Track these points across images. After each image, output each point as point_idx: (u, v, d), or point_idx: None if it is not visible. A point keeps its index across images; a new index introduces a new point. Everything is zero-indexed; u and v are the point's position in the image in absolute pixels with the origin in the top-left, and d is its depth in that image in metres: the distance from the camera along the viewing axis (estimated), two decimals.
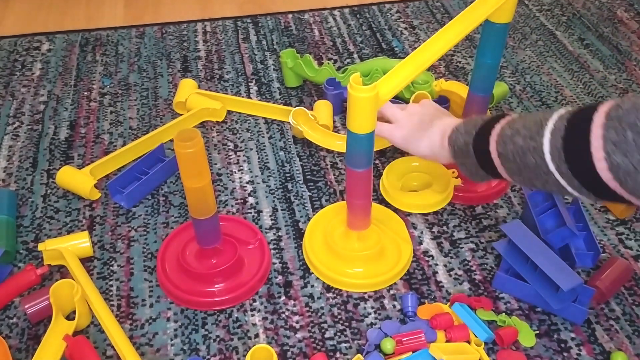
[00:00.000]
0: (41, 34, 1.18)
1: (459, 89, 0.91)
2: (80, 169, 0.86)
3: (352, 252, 0.75)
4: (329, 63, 0.99)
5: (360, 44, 1.17)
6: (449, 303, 0.72)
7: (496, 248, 0.74)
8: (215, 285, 0.72)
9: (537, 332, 0.69)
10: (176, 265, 0.74)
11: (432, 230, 0.81)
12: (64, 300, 0.68)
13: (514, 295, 0.72)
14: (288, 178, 0.88)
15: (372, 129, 0.63)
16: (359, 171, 0.67)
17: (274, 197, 0.85)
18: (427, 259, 0.77)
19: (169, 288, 0.72)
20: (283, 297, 0.73)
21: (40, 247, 0.74)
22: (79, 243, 0.75)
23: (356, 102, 0.60)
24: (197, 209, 0.67)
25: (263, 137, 0.95)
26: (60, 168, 0.85)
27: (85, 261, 0.76)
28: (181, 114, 0.98)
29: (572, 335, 0.69)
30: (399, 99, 0.96)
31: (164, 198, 0.85)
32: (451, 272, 0.76)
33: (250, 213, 0.83)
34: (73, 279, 0.70)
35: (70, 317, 0.69)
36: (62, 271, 0.75)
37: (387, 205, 0.82)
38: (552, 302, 0.68)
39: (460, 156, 0.66)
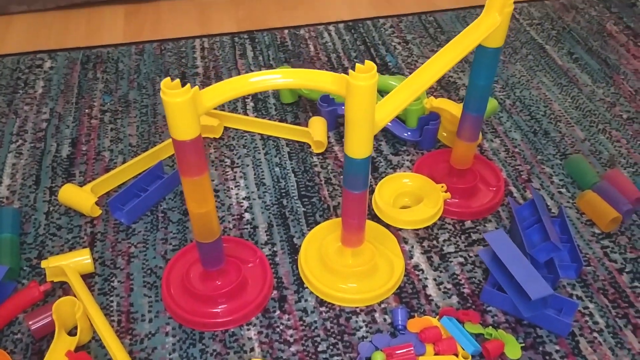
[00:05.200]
0: (43, 52, 1.21)
1: (449, 106, 0.94)
2: (81, 186, 0.89)
3: (346, 268, 0.77)
4: None
5: (355, 59, 1.19)
6: (437, 316, 0.74)
7: (480, 255, 0.77)
8: (220, 307, 0.74)
9: (523, 344, 0.71)
10: (181, 287, 0.76)
11: (423, 244, 0.83)
12: (66, 317, 0.70)
13: (501, 309, 0.75)
14: (283, 194, 0.91)
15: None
16: (356, 193, 0.70)
17: (270, 212, 0.88)
18: (417, 273, 0.80)
19: (176, 310, 0.74)
20: (278, 312, 0.75)
21: (43, 264, 0.77)
22: (81, 260, 0.78)
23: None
24: (201, 233, 0.70)
25: (259, 153, 0.98)
26: (62, 185, 0.88)
27: (87, 277, 0.79)
28: None
29: (557, 347, 0.71)
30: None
31: (162, 214, 0.88)
32: (440, 286, 0.78)
33: (247, 229, 0.86)
34: (75, 296, 0.73)
35: (72, 332, 0.71)
36: (64, 287, 0.78)
37: (380, 222, 0.84)
38: (522, 310, 0.71)
39: None
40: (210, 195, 0.67)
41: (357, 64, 0.59)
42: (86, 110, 1.07)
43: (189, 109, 0.56)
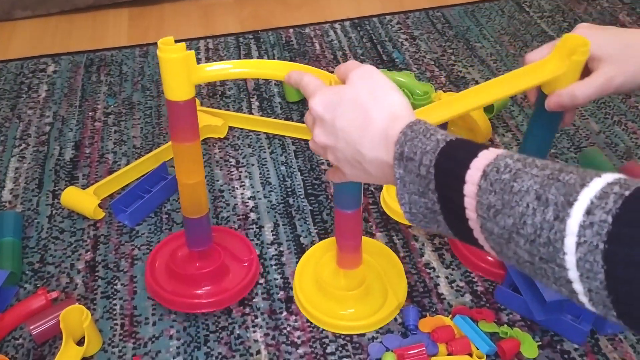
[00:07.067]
0: (47, 56, 1.20)
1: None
2: (84, 189, 0.88)
3: (342, 292, 0.73)
4: None
5: (361, 57, 1.17)
6: (450, 315, 0.72)
7: None
8: (202, 289, 0.73)
9: (540, 343, 0.68)
10: (165, 267, 0.75)
11: (433, 242, 0.81)
12: (74, 326, 0.68)
13: (515, 310, 0.72)
14: (289, 193, 0.89)
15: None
16: (349, 212, 0.67)
17: (276, 212, 0.86)
18: (428, 271, 0.77)
19: (155, 289, 0.73)
20: (285, 313, 0.73)
21: None
22: None
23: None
24: (189, 207, 0.68)
25: (264, 152, 0.96)
26: (65, 188, 0.87)
27: (90, 281, 0.77)
28: None
29: (575, 345, 0.68)
30: None
31: (166, 216, 0.86)
32: (453, 284, 0.75)
33: (252, 229, 0.83)
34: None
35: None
36: (66, 291, 0.76)
37: (388, 218, 0.82)
38: (535, 313, 0.67)
39: (412, 188, 0.42)
40: (200, 165, 0.66)
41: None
42: (90, 113, 1.05)
43: (183, 67, 0.56)
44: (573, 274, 0.33)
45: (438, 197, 0.40)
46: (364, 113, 0.46)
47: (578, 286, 0.34)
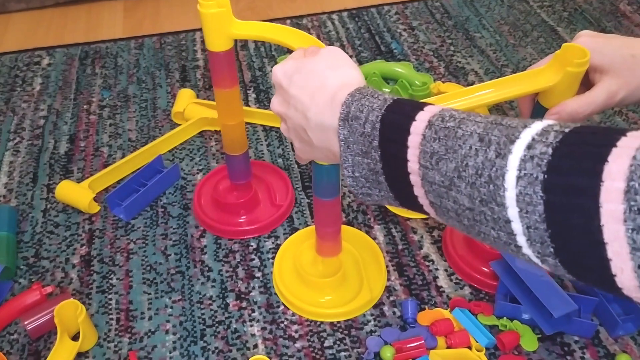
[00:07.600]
0: (41, 49, 1.19)
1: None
2: (79, 182, 0.87)
3: (319, 279, 0.72)
4: None
5: (359, 47, 1.16)
6: (449, 308, 0.71)
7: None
8: (242, 218, 0.82)
9: (540, 335, 0.68)
10: (210, 198, 0.84)
11: (432, 234, 0.80)
12: (68, 321, 0.67)
13: (520, 320, 0.69)
14: None
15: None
16: (327, 200, 0.65)
17: None
18: (427, 263, 0.76)
19: (202, 216, 0.82)
20: (282, 307, 0.72)
21: None
22: None
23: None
24: (231, 145, 0.75)
25: (262, 144, 0.95)
26: (60, 182, 0.86)
27: (85, 276, 0.76)
28: (180, 124, 0.98)
29: (576, 338, 0.68)
30: None
31: (162, 209, 0.85)
32: (452, 277, 0.75)
33: None
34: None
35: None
36: (61, 286, 0.75)
37: (386, 211, 0.81)
38: (544, 327, 0.65)
39: (355, 149, 0.42)
40: (240, 109, 0.72)
41: None
42: (84, 106, 1.04)
43: (221, 21, 0.61)
44: (512, 211, 0.33)
45: (381, 155, 0.40)
46: (319, 81, 0.46)
47: (517, 225, 0.33)
